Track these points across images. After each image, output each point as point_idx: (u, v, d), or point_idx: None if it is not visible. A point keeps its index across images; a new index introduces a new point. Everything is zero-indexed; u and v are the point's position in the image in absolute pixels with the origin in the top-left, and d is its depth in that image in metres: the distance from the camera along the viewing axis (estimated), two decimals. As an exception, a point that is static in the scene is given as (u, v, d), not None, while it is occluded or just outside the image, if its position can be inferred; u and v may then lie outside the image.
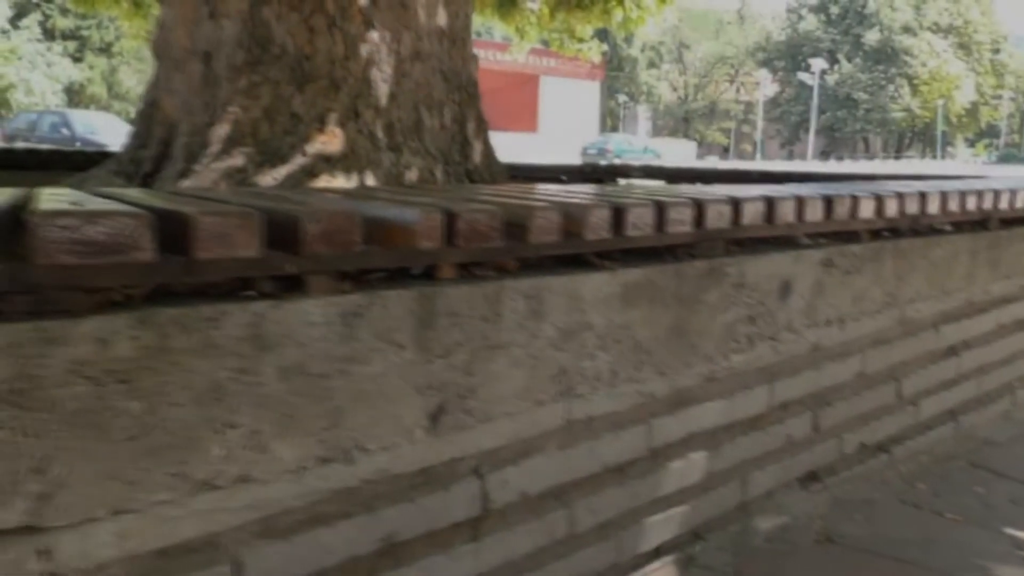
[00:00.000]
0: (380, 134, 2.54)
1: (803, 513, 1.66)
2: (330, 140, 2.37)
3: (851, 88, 47.02)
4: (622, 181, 4.48)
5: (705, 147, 52.91)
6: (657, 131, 53.22)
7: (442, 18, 2.85)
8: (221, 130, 2.39)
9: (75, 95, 32.35)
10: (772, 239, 1.58)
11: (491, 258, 1.10)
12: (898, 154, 54.64)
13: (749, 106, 54.13)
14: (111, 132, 16.98)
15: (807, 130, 46.38)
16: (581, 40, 10.22)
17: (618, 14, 9.06)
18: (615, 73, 46.78)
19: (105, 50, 34.08)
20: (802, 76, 42.05)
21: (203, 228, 0.82)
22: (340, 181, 2.30)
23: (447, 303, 1.07)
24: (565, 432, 1.26)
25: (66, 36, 32.55)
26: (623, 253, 1.32)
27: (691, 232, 1.30)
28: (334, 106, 2.43)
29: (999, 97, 55.99)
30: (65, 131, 16.42)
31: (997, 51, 55.17)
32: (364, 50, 2.53)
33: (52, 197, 0.95)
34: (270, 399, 0.94)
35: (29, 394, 0.78)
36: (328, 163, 2.33)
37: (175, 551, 0.90)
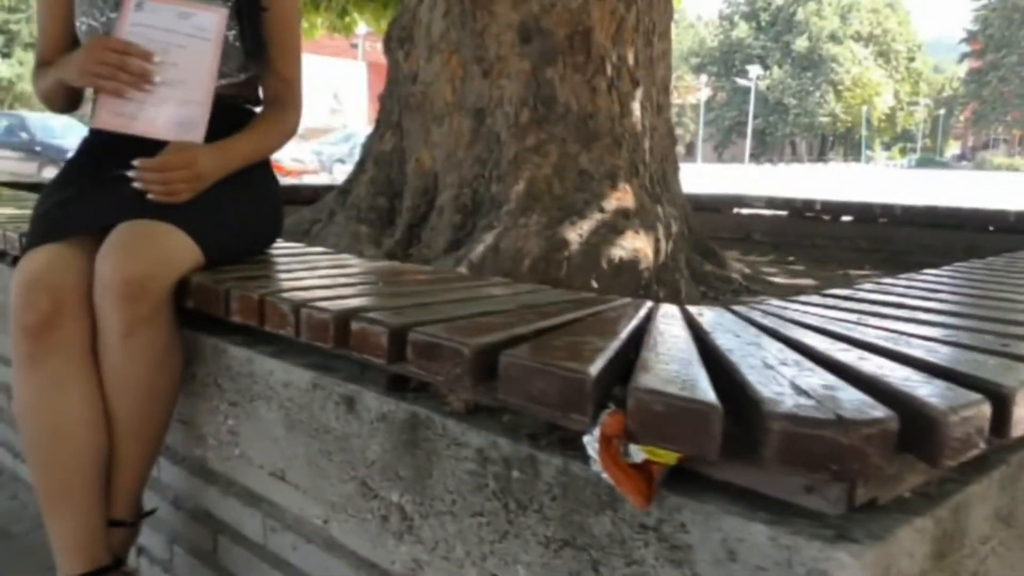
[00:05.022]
0: (649, 187, 2.68)
1: None
2: (624, 196, 2.50)
3: (781, 94, 48.85)
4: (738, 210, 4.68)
5: (639, 149, 53.73)
6: (593, 133, 53.77)
7: (662, 69, 3.01)
8: (518, 187, 2.48)
9: (2, 92, 30.88)
10: None
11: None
12: (822, 157, 56.93)
13: (682, 109, 55.53)
14: (71, 136, 16.38)
15: (740, 134, 47.92)
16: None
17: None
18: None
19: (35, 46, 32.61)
20: (740, 81, 43.43)
21: None
22: (642, 237, 2.43)
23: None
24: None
25: (-8, 31, 31.07)
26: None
27: None
28: (619, 162, 2.56)
29: (915, 103, 58.95)
30: (24, 135, 15.76)
31: (912, 59, 58.08)
32: (635, 108, 2.66)
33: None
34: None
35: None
36: (627, 219, 2.45)
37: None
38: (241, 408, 1.27)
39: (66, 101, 1.49)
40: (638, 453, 0.75)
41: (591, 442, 0.78)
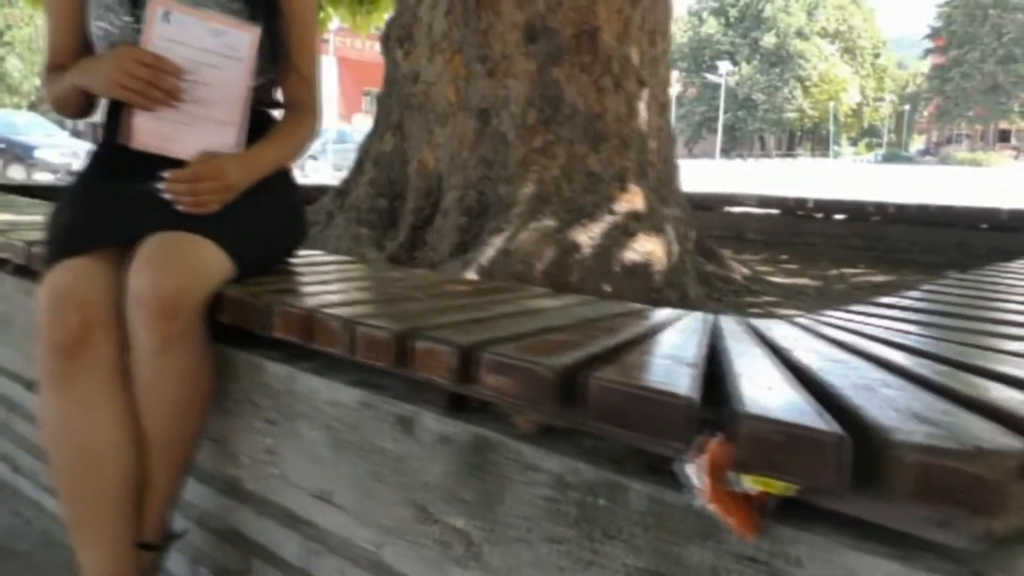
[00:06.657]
0: (656, 188, 2.66)
1: None
2: (633, 198, 2.47)
3: (750, 89, 49.25)
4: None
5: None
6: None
7: (663, 69, 2.98)
8: (526, 189, 2.44)
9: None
10: None
11: None
12: (790, 152, 57.59)
13: (652, 105, 55.57)
14: (36, 132, 16.00)
15: (710, 129, 48.22)
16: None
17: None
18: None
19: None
20: (710, 77, 43.69)
21: None
22: (653, 239, 2.41)
23: None
24: None
25: (-51, 24, 30.18)
26: None
27: None
28: (628, 164, 2.53)
29: (881, 99, 59.76)
30: (-16, 131, 15.33)
31: (878, 55, 58.87)
32: (641, 108, 2.64)
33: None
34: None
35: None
36: (638, 221, 2.43)
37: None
38: (280, 427, 1.22)
39: (82, 107, 1.42)
40: (749, 484, 0.72)
41: (692, 470, 0.75)
